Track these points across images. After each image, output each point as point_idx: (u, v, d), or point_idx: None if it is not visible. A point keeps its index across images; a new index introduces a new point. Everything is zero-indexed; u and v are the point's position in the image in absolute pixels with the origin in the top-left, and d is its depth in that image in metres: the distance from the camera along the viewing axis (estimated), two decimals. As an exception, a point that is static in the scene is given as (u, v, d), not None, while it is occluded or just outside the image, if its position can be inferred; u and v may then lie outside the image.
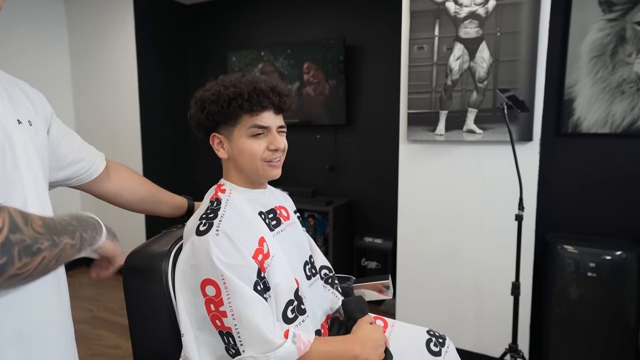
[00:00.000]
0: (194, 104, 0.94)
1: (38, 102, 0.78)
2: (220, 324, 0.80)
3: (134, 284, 0.93)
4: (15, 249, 0.45)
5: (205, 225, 0.84)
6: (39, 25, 3.13)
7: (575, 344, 1.84)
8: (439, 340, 1.07)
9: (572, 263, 1.82)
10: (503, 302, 1.89)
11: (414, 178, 2.08)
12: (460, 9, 1.85)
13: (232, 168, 0.96)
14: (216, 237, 0.81)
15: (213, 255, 0.79)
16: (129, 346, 2.28)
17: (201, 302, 0.81)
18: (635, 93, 1.89)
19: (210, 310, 0.80)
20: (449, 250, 2.04)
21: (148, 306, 0.92)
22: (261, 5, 3.10)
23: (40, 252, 0.49)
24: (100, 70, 3.22)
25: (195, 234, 0.83)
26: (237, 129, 0.92)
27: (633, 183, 1.95)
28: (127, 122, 3.14)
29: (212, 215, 0.86)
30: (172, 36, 3.36)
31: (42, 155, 0.74)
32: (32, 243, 0.48)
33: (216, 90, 0.90)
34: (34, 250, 0.48)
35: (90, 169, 0.92)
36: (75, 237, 0.58)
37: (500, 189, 1.89)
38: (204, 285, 0.80)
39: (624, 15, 1.87)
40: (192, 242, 0.83)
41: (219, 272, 0.79)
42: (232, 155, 0.94)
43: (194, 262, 0.82)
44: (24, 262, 0.47)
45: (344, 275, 1.21)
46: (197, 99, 0.93)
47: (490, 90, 1.83)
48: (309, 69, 2.84)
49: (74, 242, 0.58)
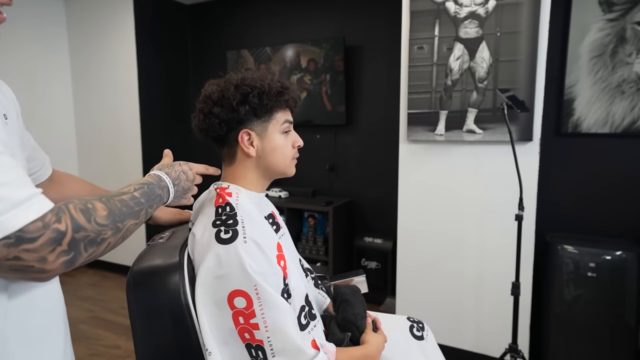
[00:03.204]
0: (221, 99, 0.86)
1: (9, 94, 0.76)
2: (249, 336, 0.75)
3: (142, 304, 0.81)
4: (81, 244, 0.51)
5: (227, 232, 0.78)
6: (39, 25, 3.13)
7: (575, 344, 1.84)
8: (419, 325, 1.14)
9: (572, 263, 1.81)
10: (503, 302, 1.90)
11: (414, 178, 2.08)
12: (460, 9, 1.85)
13: (253, 167, 0.91)
14: (245, 244, 0.77)
15: (246, 264, 0.75)
16: (129, 346, 2.30)
17: (228, 315, 0.75)
18: (635, 93, 1.89)
19: (239, 323, 0.75)
20: (449, 250, 2.04)
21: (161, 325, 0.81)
22: (261, 5, 3.10)
23: (105, 240, 0.55)
24: (100, 70, 3.22)
25: (219, 243, 0.77)
26: (272, 125, 0.89)
27: (633, 183, 1.95)
28: (127, 122, 3.14)
29: (231, 221, 0.80)
30: (172, 36, 3.36)
31: (20, 150, 0.73)
32: (96, 236, 0.53)
33: (260, 83, 0.86)
34: (98, 241, 0.54)
35: (37, 172, 0.87)
36: (140, 216, 0.63)
37: (500, 189, 1.89)
38: (233, 297, 0.75)
39: (624, 15, 1.87)
40: (216, 253, 0.76)
41: (252, 282, 0.75)
42: (263, 152, 0.89)
43: (221, 273, 0.76)
44: (91, 251, 0.53)
45: (320, 275, 1.22)
46: (229, 92, 0.85)
47: (490, 90, 1.83)
48: (309, 69, 2.84)
49: (138, 221, 0.63)
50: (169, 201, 0.79)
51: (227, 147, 0.91)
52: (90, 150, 3.40)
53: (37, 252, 0.47)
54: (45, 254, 0.48)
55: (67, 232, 0.50)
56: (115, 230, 0.57)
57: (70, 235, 0.50)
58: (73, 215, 0.51)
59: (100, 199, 0.57)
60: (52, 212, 0.49)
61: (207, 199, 0.90)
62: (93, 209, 0.54)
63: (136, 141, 3.12)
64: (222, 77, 0.92)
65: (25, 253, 0.47)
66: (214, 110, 0.86)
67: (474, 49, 1.84)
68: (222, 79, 0.90)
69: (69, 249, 0.50)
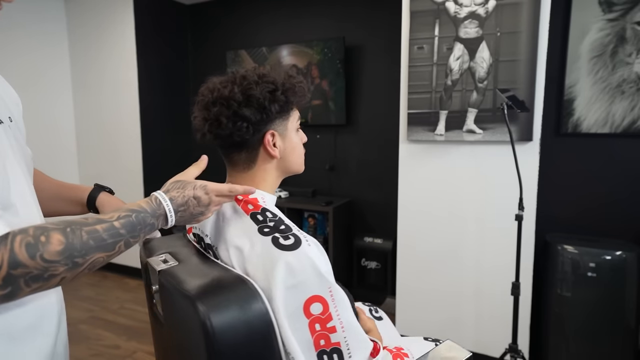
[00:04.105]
0: (248, 98, 0.77)
1: (12, 93, 0.76)
2: (324, 342, 0.71)
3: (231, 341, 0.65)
4: (20, 280, 0.48)
5: (287, 239, 0.73)
6: (39, 25, 3.13)
7: (575, 344, 1.84)
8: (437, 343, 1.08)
9: (572, 263, 1.81)
10: (503, 302, 1.90)
11: (414, 178, 2.08)
12: (460, 9, 1.85)
13: (273, 169, 0.86)
14: (309, 247, 0.72)
15: (319, 267, 0.71)
16: (129, 346, 2.30)
17: (304, 325, 0.70)
18: (635, 93, 1.89)
19: (315, 330, 0.70)
20: (449, 250, 2.04)
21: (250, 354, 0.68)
22: (261, 5, 3.10)
23: (55, 276, 0.51)
24: (100, 70, 3.22)
25: (284, 251, 0.71)
26: (290, 123, 0.85)
27: (633, 183, 1.95)
28: (127, 122, 3.14)
29: (283, 227, 0.75)
30: (172, 36, 3.36)
31: (23, 149, 0.72)
32: (41, 272, 0.49)
33: (281, 79, 0.81)
34: (45, 277, 0.50)
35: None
36: (115, 248, 0.58)
37: (500, 189, 1.89)
38: (309, 305, 0.70)
39: (624, 15, 1.87)
40: (286, 262, 0.69)
41: (327, 284, 0.71)
42: (284, 153, 0.85)
43: (294, 282, 0.69)
44: (36, 286, 0.49)
45: None
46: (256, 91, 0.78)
47: (490, 90, 1.83)
48: (309, 69, 2.84)
49: (111, 253, 0.57)
50: (169, 227, 0.71)
51: (247, 151, 0.82)
52: (90, 150, 3.40)
53: None
54: None
55: (2, 267, 0.47)
56: (71, 265, 0.52)
57: (5, 270, 0.47)
58: (14, 250, 0.48)
59: (63, 230, 0.52)
60: None
61: (224, 209, 0.82)
62: (45, 242, 0.50)
63: (136, 141, 3.12)
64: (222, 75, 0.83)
65: None
66: (243, 113, 0.77)
67: (474, 49, 1.84)
68: (227, 76, 0.81)
69: (3, 283, 0.47)
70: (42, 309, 0.66)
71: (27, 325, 0.63)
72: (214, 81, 0.81)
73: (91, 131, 3.36)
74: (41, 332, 0.66)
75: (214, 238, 0.82)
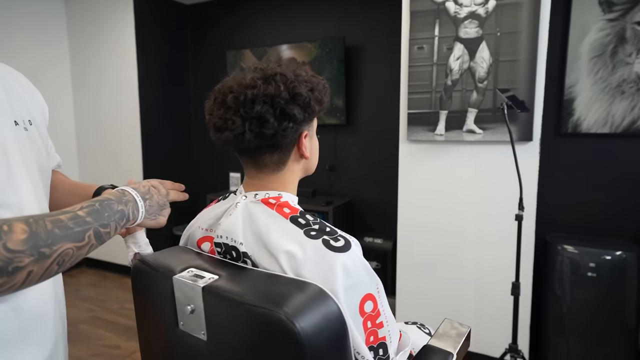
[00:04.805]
0: (295, 97, 0.74)
1: (37, 98, 0.77)
2: (373, 339, 0.72)
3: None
4: None
5: (337, 240, 0.72)
6: (39, 25, 3.13)
7: (575, 344, 1.84)
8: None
9: (572, 263, 1.82)
10: (503, 302, 1.90)
11: (414, 178, 2.08)
12: (460, 9, 1.85)
13: (299, 171, 0.84)
14: (357, 247, 0.73)
15: (368, 265, 0.73)
16: (129, 346, 2.30)
17: (359, 324, 0.70)
18: (635, 93, 1.89)
19: (367, 328, 0.71)
20: (449, 250, 2.04)
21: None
22: (261, 5, 3.10)
23: (21, 269, 0.47)
24: (100, 70, 3.22)
25: (338, 252, 0.69)
26: (314, 123, 0.85)
27: (633, 183, 1.95)
28: (127, 122, 3.14)
29: (328, 229, 0.74)
30: (172, 36, 3.36)
31: (40, 154, 0.72)
32: (5, 265, 0.45)
33: (320, 80, 0.80)
34: (10, 270, 0.46)
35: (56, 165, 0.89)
36: (84, 237, 0.54)
37: (500, 188, 1.89)
38: (363, 303, 0.70)
39: (623, 15, 1.87)
40: (342, 263, 0.68)
41: (375, 281, 0.73)
42: (311, 153, 0.84)
43: (350, 283, 0.69)
44: (0, 282, 0.46)
45: None
46: (300, 89, 0.74)
47: (490, 90, 1.83)
48: (309, 69, 2.83)
49: (81, 244, 0.54)
50: (141, 217, 0.68)
51: (280, 152, 0.77)
52: (90, 150, 3.40)
53: None
54: None
55: None
56: (38, 257, 0.48)
57: None
58: None
59: (26, 220, 0.49)
60: None
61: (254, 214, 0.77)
62: (8, 231, 0.46)
63: (136, 141, 3.12)
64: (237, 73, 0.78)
65: None
66: (292, 111, 0.73)
67: (474, 49, 1.84)
68: (255, 72, 0.75)
69: None
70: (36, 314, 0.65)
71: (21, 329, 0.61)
72: (241, 78, 0.75)
73: (91, 131, 3.36)
74: (37, 336, 0.65)
75: (250, 245, 0.74)
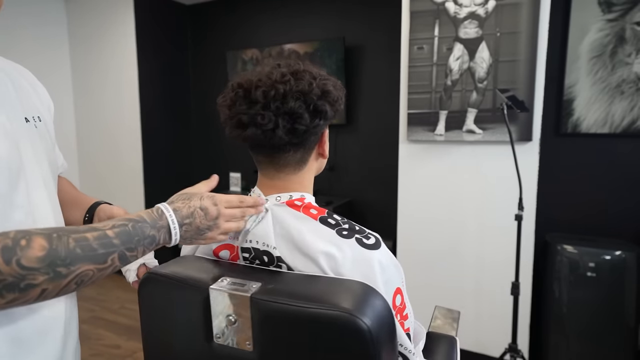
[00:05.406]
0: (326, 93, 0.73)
1: (43, 94, 0.76)
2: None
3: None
4: None
5: (368, 238, 0.73)
6: (39, 25, 3.13)
7: (574, 344, 1.84)
8: None
9: (572, 263, 1.82)
10: (503, 302, 1.90)
11: (414, 178, 2.08)
12: (460, 9, 1.85)
13: (315, 170, 0.83)
14: (383, 243, 0.74)
15: (395, 259, 0.74)
16: (129, 346, 2.31)
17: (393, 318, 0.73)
18: (635, 93, 1.89)
19: (398, 320, 0.72)
20: (449, 250, 2.04)
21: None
22: (261, 5, 3.11)
23: (34, 286, 0.46)
24: (100, 70, 3.22)
25: (372, 250, 0.71)
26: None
27: (632, 183, 1.96)
28: (127, 122, 3.14)
29: (357, 227, 0.75)
30: (172, 36, 3.36)
31: (49, 151, 0.71)
32: (17, 281, 0.45)
33: (337, 80, 0.78)
34: (21, 287, 0.45)
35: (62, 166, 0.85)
36: (107, 260, 0.51)
37: (500, 189, 1.89)
38: (395, 297, 0.72)
39: (623, 15, 1.87)
40: (378, 260, 0.70)
41: (401, 274, 0.74)
42: (324, 152, 0.82)
43: (385, 278, 0.70)
44: (11, 297, 0.45)
45: None
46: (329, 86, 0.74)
47: (490, 91, 1.84)
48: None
49: (103, 266, 0.51)
50: (174, 243, 0.63)
51: (303, 151, 0.76)
52: (90, 150, 3.40)
53: None
54: None
55: None
56: (53, 276, 0.47)
57: None
58: None
59: (49, 235, 0.48)
60: None
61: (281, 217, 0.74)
62: (25, 247, 0.46)
63: (136, 141, 3.12)
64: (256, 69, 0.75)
65: None
66: (325, 108, 0.72)
67: (474, 49, 1.85)
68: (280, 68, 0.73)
69: None
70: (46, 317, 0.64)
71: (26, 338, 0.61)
72: (268, 73, 0.72)
73: (91, 131, 3.36)
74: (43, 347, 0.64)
75: (282, 249, 0.72)
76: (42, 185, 0.66)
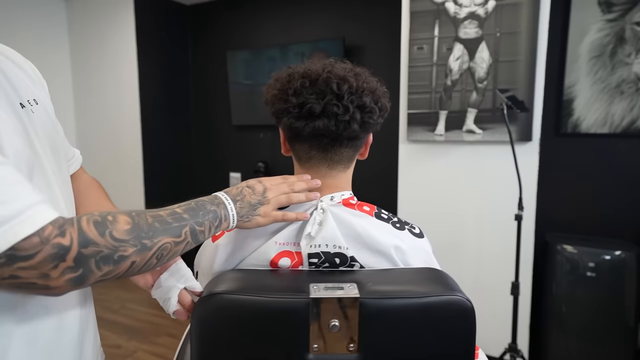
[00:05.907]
0: (374, 90, 0.76)
1: (32, 71, 0.70)
2: None
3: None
4: (91, 261, 0.46)
5: (414, 228, 0.80)
6: (40, 25, 3.13)
7: (574, 344, 1.84)
8: None
9: (572, 263, 1.82)
10: (503, 302, 1.90)
11: (414, 178, 2.08)
12: (460, 10, 1.85)
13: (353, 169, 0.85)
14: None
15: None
16: (130, 346, 2.31)
17: None
18: (635, 93, 1.89)
19: None
20: (449, 250, 2.04)
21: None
22: (261, 5, 3.11)
23: (126, 258, 0.49)
24: (100, 70, 3.23)
25: (421, 238, 0.79)
26: None
27: (632, 183, 1.96)
28: (128, 123, 3.14)
29: (403, 219, 0.80)
30: (173, 37, 3.36)
31: (51, 135, 0.66)
32: (112, 252, 0.48)
33: None
34: (115, 259, 0.48)
35: (73, 157, 0.81)
36: (181, 234, 0.55)
37: (500, 189, 1.89)
38: None
39: (623, 15, 1.87)
40: (427, 247, 0.80)
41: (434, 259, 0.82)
42: None
43: (434, 263, 0.81)
44: (106, 270, 0.48)
45: None
46: (382, 90, 0.78)
47: (490, 91, 1.84)
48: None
49: (179, 240, 0.55)
50: (233, 220, 0.64)
51: (354, 149, 0.77)
52: (91, 150, 3.40)
53: (36, 269, 0.44)
54: (46, 270, 0.44)
55: (72, 247, 0.45)
56: (140, 247, 0.50)
57: (75, 250, 0.45)
58: (82, 228, 0.46)
59: (129, 213, 0.52)
60: (55, 224, 0.45)
61: (340, 217, 0.74)
62: (113, 221, 0.49)
63: (137, 141, 3.12)
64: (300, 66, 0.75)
65: (22, 271, 0.43)
66: (387, 105, 0.78)
67: (474, 49, 1.85)
68: (331, 65, 0.73)
69: (75, 265, 0.45)
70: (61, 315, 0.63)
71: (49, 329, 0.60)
72: (330, 65, 0.72)
73: (92, 131, 3.37)
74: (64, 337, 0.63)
75: (352, 248, 0.72)
76: (49, 171, 0.62)
